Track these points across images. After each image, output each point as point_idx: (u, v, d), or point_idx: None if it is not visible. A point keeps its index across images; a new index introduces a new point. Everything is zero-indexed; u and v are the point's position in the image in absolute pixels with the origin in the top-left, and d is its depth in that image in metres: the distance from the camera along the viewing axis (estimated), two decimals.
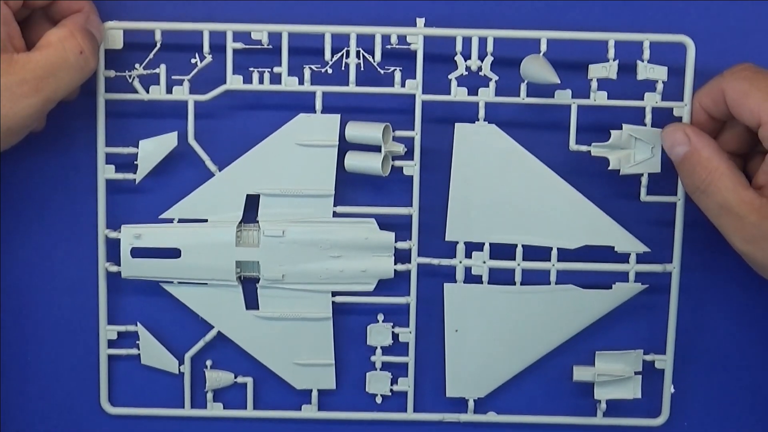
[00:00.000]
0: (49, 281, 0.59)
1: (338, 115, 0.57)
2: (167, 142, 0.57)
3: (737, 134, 0.56)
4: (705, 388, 0.61)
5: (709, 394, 0.61)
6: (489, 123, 0.57)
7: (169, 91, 0.57)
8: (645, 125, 0.56)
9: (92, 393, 0.60)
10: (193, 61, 0.56)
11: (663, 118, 0.56)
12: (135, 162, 0.57)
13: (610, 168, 0.57)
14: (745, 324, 0.60)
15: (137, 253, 0.57)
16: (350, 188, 0.58)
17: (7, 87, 0.50)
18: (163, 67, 0.57)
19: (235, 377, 0.60)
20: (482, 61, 0.56)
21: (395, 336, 0.59)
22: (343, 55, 0.56)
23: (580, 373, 0.59)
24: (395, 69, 0.56)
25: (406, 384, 0.60)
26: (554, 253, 0.58)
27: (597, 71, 0.56)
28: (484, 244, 0.58)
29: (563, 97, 0.57)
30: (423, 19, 0.56)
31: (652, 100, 0.56)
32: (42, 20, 0.54)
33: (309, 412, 0.60)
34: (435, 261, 0.58)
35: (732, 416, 0.61)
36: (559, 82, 0.54)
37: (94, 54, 0.53)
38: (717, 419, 0.61)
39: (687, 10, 0.57)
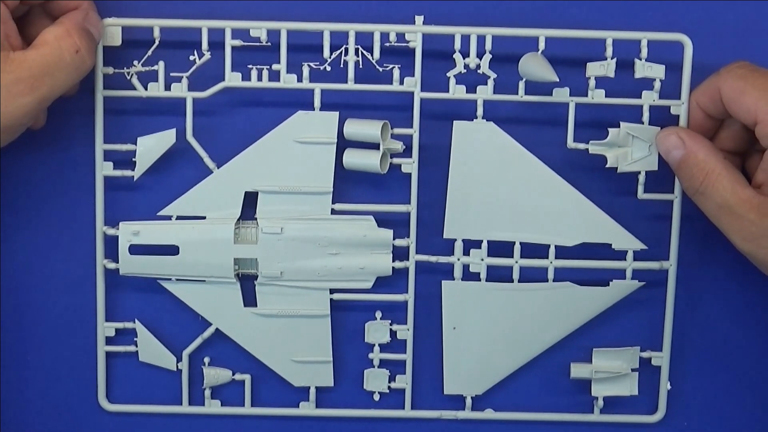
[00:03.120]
0: (47, 278, 0.59)
1: (337, 113, 0.57)
2: (166, 139, 0.57)
3: (734, 132, 0.56)
4: (701, 385, 0.61)
5: (705, 390, 0.61)
6: (487, 120, 0.57)
7: (167, 88, 0.57)
8: (642, 123, 0.57)
9: (90, 390, 0.60)
10: (191, 58, 0.56)
11: (660, 116, 0.57)
12: (133, 159, 0.57)
13: (607, 166, 0.57)
14: (741, 320, 0.60)
15: (135, 250, 0.57)
16: (348, 185, 0.58)
17: (2, 86, 0.50)
18: (161, 64, 0.56)
19: (233, 374, 0.60)
20: (481, 59, 0.56)
21: (393, 333, 0.59)
22: (341, 52, 0.56)
23: (578, 370, 0.59)
24: (394, 66, 0.57)
25: (403, 381, 0.60)
26: (552, 250, 0.58)
27: (595, 69, 0.56)
28: (482, 241, 0.58)
29: (561, 95, 0.57)
30: (422, 17, 0.56)
31: (649, 98, 0.57)
32: (40, 17, 0.54)
33: (307, 409, 0.60)
34: (433, 258, 0.58)
35: (728, 413, 0.61)
36: (558, 80, 0.54)
37: (91, 52, 0.53)
38: (713, 416, 0.61)
39: (684, 9, 0.58)
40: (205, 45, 0.56)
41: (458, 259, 0.58)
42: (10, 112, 0.50)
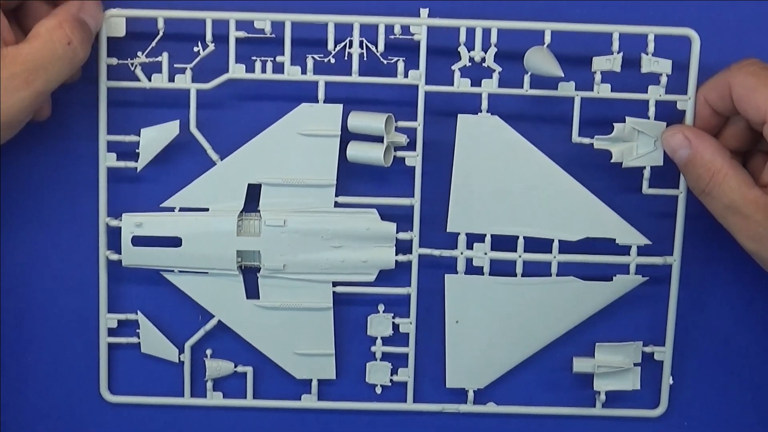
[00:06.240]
0: (49, 269, 0.59)
1: (341, 105, 0.56)
2: (169, 130, 0.57)
3: (739, 131, 0.56)
4: (703, 380, 0.61)
5: (707, 385, 0.61)
6: (492, 114, 0.57)
7: (171, 79, 0.57)
8: (648, 118, 0.56)
9: (92, 381, 0.60)
10: (195, 49, 0.56)
11: (666, 112, 0.56)
12: (136, 150, 0.57)
13: (612, 161, 0.57)
14: (744, 316, 0.60)
15: (138, 241, 0.57)
16: (352, 178, 0.58)
17: (5, 85, 0.49)
18: (165, 55, 0.56)
19: (235, 366, 0.60)
20: (486, 53, 0.56)
21: (396, 326, 0.59)
22: (346, 45, 0.56)
23: (580, 365, 0.59)
24: (398, 59, 0.56)
25: (406, 374, 0.60)
26: (555, 244, 0.58)
27: (601, 64, 0.56)
28: (485, 235, 0.58)
29: (567, 89, 0.56)
30: (427, 10, 0.56)
31: (655, 93, 0.56)
32: (39, 8, 0.53)
33: (309, 401, 0.60)
34: (436, 252, 0.58)
35: (730, 408, 0.61)
36: (563, 75, 0.54)
37: (85, 44, 0.52)
38: (715, 411, 0.61)
39: (692, 4, 0.57)
40: (209, 36, 0.56)
41: (461, 253, 0.58)
42: (7, 107, 0.50)
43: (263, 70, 0.56)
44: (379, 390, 0.60)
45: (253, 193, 0.57)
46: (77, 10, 0.52)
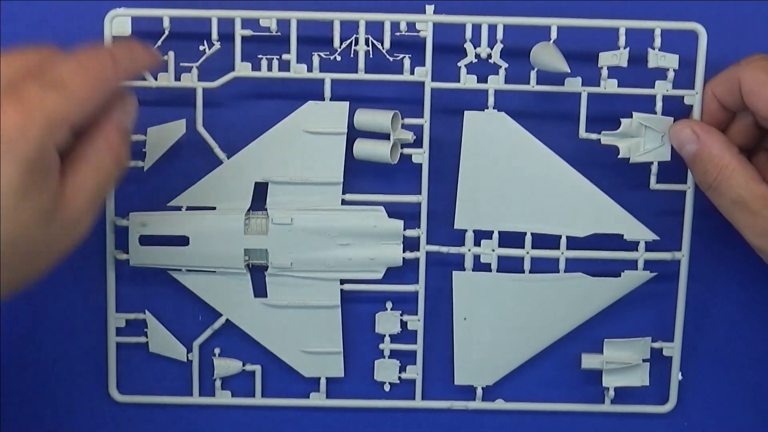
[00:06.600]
0: (57, 269, 0.58)
1: (347, 103, 0.56)
2: (175, 129, 0.57)
3: (746, 127, 0.55)
4: (712, 376, 0.61)
5: (716, 381, 0.61)
6: (498, 111, 0.57)
7: (177, 78, 0.56)
8: (655, 113, 0.56)
9: (100, 381, 0.60)
10: (201, 48, 0.56)
11: (674, 107, 0.56)
12: (143, 149, 0.57)
13: (619, 156, 0.56)
14: (752, 312, 0.60)
15: (145, 240, 0.57)
16: (359, 176, 0.58)
17: (71, 223, 0.47)
18: (171, 54, 0.56)
19: (244, 365, 0.60)
20: (492, 49, 0.56)
21: (404, 324, 0.59)
22: (352, 42, 0.56)
23: (589, 361, 0.59)
24: (404, 56, 0.56)
25: (414, 372, 0.60)
26: (563, 241, 0.57)
27: (607, 59, 0.56)
28: (493, 232, 0.58)
29: (573, 85, 0.56)
30: (432, 7, 0.56)
31: (662, 89, 0.56)
32: None
33: (317, 399, 0.60)
34: (444, 249, 0.58)
35: (739, 403, 0.61)
36: (569, 71, 0.54)
37: (128, 150, 0.50)
38: (724, 407, 0.61)
39: (698, 1, 0.57)
40: (214, 35, 0.56)
41: (469, 250, 0.58)
42: (86, 227, 0.48)
43: (269, 68, 0.56)
44: (387, 387, 0.60)
45: (260, 192, 0.57)
46: (118, 114, 0.49)
